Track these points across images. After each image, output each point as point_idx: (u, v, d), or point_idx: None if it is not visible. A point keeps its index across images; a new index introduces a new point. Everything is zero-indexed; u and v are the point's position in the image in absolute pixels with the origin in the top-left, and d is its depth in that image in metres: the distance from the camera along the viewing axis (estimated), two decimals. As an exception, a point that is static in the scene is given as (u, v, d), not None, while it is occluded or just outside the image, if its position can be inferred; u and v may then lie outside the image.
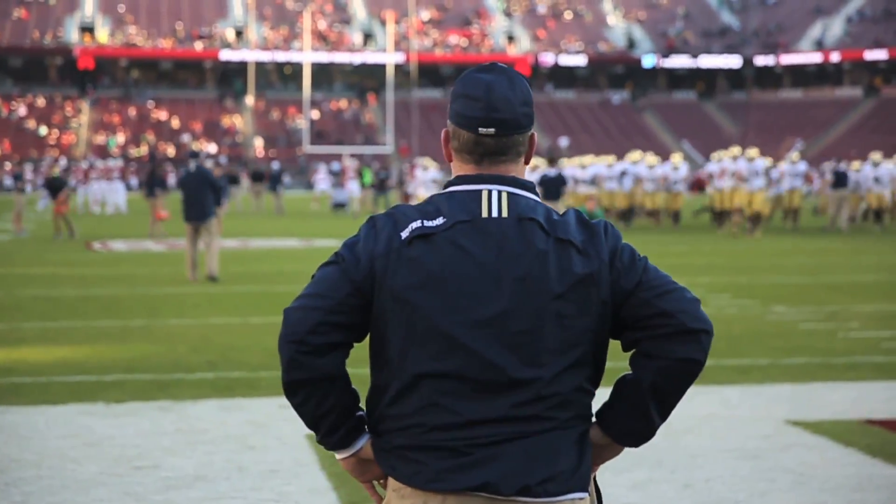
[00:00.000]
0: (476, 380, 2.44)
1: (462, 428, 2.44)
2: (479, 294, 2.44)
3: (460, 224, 2.46)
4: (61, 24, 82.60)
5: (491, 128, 2.51)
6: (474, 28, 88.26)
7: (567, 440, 2.50)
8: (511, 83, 2.58)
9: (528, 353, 2.45)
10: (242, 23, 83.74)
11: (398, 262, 2.44)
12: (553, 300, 2.46)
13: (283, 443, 6.86)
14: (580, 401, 2.54)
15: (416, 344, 2.46)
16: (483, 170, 2.53)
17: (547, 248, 2.47)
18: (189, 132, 75.53)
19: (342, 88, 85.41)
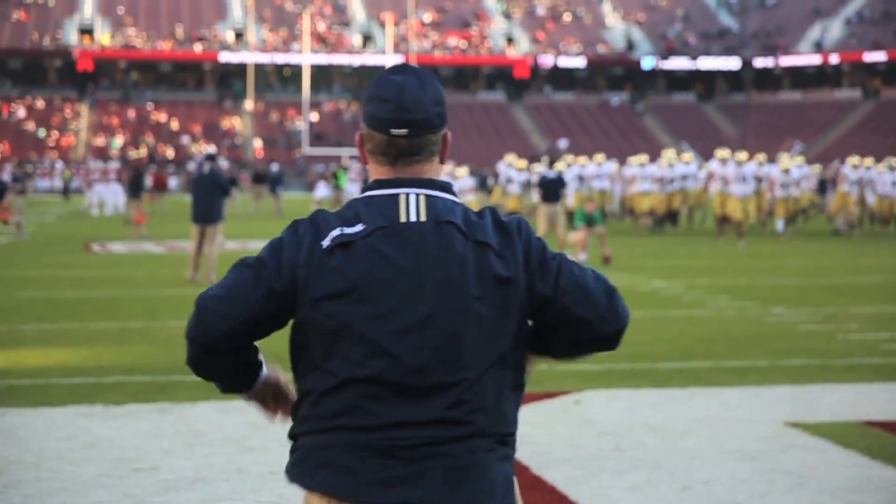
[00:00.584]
0: (399, 384, 2.47)
1: (385, 429, 2.47)
2: (401, 300, 2.47)
3: (379, 230, 2.49)
4: (60, 25, 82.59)
5: (403, 129, 2.52)
6: (473, 30, 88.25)
7: (489, 462, 2.53)
8: (422, 84, 2.56)
9: (450, 356, 2.47)
10: (242, 25, 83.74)
11: (320, 272, 2.48)
12: (473, 303, 2.48)
13: (283, 444, 6.80)
14: (503, 407, 2.56)
15: (340, 350, 2.50)
16: (398, 172, 2.54)
17: (465, 251, 2.49)
18: (188, 134, 75.51)
19: (342, 90, 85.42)
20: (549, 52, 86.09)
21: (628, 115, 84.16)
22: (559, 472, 6.26)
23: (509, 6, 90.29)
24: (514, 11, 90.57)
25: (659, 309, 13.56)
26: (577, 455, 6.66)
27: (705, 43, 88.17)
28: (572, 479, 6.15)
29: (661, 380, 9.01)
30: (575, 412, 7.83)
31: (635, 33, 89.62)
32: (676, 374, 9.28)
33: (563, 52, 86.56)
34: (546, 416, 7.67)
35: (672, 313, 13.13)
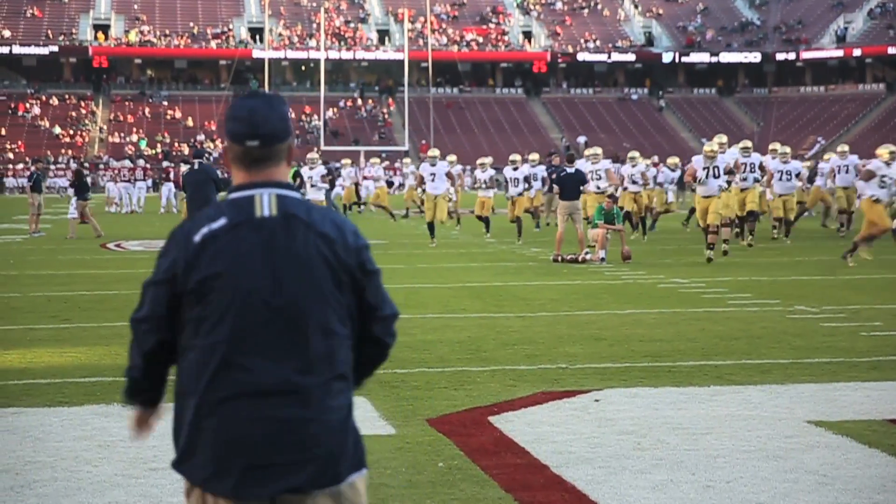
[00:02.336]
0: (255, 354, 3.04)
1: (248, 397, 3.03)
2: (255, 281, 3.06)
3: (239, 224, 3.08)
4: (75, 23, 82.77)
5: (255, 140, 3.13)
6: (491, 25, 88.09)
7: (336, 420, 3.09)
8: (269, 105, 3.18)
9: (297, 330, 3.06)
10: (258, 21, 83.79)
11: (195, 262, 3.06)
12: (319, 283, 3.09)
13: (300, 444, 6.80)
14: (342, 370, 3.13)
15: (210, 325, 3.05)
16: (253, 176, 3.14)
17: (308, 240, 3.09)
18: (204, 131, 75.62)
19: (358, 87, 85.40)
20: (568, 47, 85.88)
21: (648, 111, 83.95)
22: (579, 472, 6.20)
23: (527, 1, 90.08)
24: (532, 6, 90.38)
25: (679, 306, 13.46)
26: (598, 454, 6.59)
27: (726, 37, 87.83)
28: (592, 478, 6.08)
29: (682, 378, 8.93)
30: (595, 411, 7.75)
31: (655, 27, 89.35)
32: (697, 372, 9.20)
33: (582, 47, 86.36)
34: (565, 415, 7.60)
35: (693, 311, 13.04)
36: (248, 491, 3.02)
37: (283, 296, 3.06)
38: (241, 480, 3.03)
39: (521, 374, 9.07)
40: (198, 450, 3.08)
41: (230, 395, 3.04)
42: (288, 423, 3.03)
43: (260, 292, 3.06)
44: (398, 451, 6.62)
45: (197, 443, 3.09)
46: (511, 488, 5.85)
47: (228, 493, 3.03)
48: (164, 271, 3.12)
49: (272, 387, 3.03)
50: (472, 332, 11.40)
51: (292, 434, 3.03)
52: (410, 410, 7.72)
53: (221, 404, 3.05)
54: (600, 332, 11.41)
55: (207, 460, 3.07)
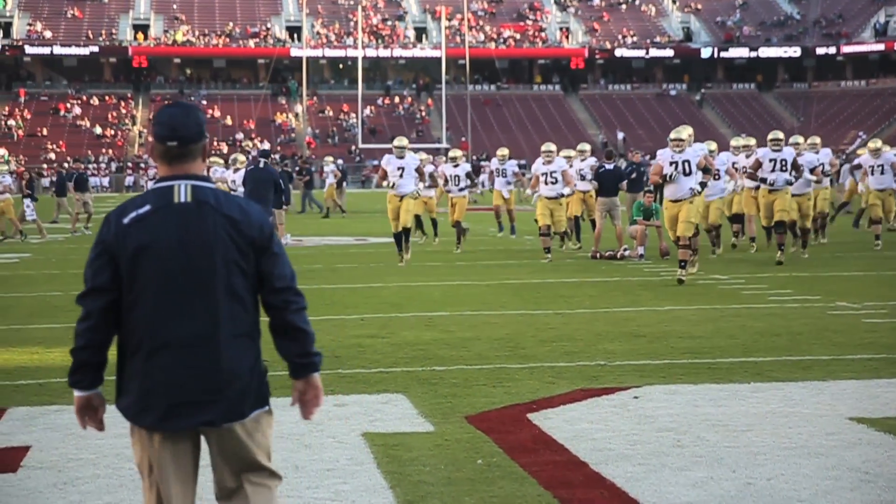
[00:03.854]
0: (176, 312, 3.73)
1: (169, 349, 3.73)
2: (173, 254, 3.74)
3: (160, 209, 3.77)
4: (115, 23, 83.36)
5: (174, 141, 3.83)
6: (528, 21, 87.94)
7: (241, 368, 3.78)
8: (186, 113, 3.89)
9: (207, 294, 3.74)
10: (295, 19, 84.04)
11: (124, 239, 3.75)
12: (223, 257, 3.76)
13: (339, 441, 6.82)
14: (247, 327, 3.81)
15: (138, 290, 3.75)
16: (173, 170, 3.84)
17: (216, 220, 3.77)
18: (242, 130, 75.94)
19: (396, 84, 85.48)
20: (606, 43, 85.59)
21: (687, 106, 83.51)
22: (618, 469, 6.17)
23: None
24: (569, 2, 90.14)
25: (719, 303, 13.39)
26: (637, 451, 6.57)
27: (765, 31, 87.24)
28: (632, 475, 6.06)
29: (722, 375, 8.87)
30: (634, 408, 7.72)
31: (693, 23, 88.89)
32: (738, 368, 9.14)
33: (620, 43, 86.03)
34: (604, 412, 7.58)
35: (733, 307, 12.96)
36: (168, 424, 3.75)
37: (194, 266, 3.74)
38: (163, 416, 3.74)
39: (560, 371, 9.05)
40: (130, 392, 3.79)
41: (154, 346, 3.73)
42: (200, 369, 3.73)
43: (176, 263, 3.74)
44: (437, 449, 6.63)
45: (129, 386, 3.79)
46: (550, 485, 5.84)
47: (152, 425, 3.76)
48: (99, 246, 3.80)
49: (187, 340, 3.73)
50: (510, 329, 11.39)
51: (204, 379, 3.74)
52: (449, 407, 7.72)
53: (148, 354, 3.74)
54: (639, 328, 11.36)
55: (137, 400, 3.76)
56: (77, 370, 3.89)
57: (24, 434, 7.07)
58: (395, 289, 15.19)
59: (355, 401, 7.97)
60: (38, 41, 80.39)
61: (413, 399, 7.99)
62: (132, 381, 3.78)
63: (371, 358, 9.78)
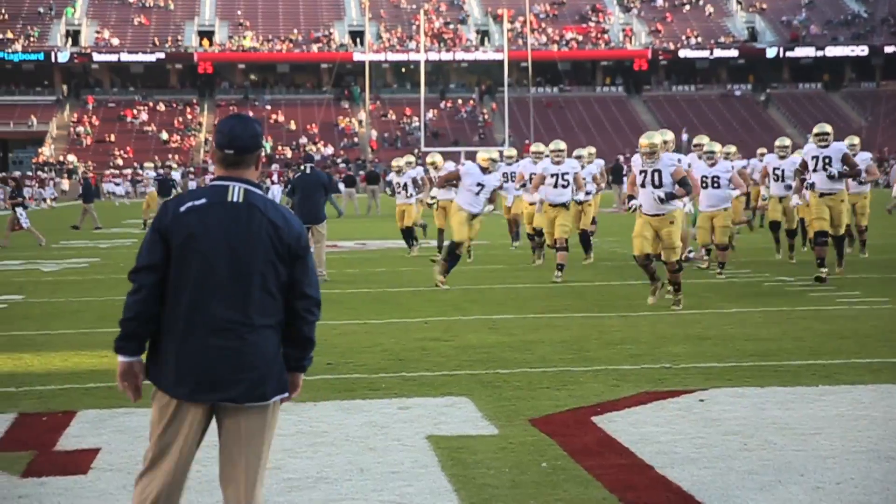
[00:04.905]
0: (216, 298, 4.12)
1: (203, 331, 4.11)
2: (219, 245, 4.13)
3: (214, 204, 4.18)
4: (181, 30, 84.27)
5: (231, 150, 4.25)
6: (591, 23, 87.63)
7: (265, 354, 4.17)
8: (244, 125, 4.29)
9: (244, 285, 4.14)
10: (358, 24, 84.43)
11: (178, 225, 4.14)
12: (263, 256, 4.16)
13: (403, 444, 6.84)
14: (277, 320, 4.22)
15: (183, 274, 4.13)
16: (229, 173, 4.26)
17: (262, 223, 4.19)
18: (306, 134, 76.41)
19: (458, 87, 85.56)
20: (669, 44, 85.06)
21: (752, 107, 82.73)
22: (684, 472, 6.13)
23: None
24: (632, 3, 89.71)
25: (785, 305, 13.25)
26: (703, 455, 6.51)
27: (832, 30, 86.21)
28: (698, 479, 6.01)
29: (789, 378, 8.78)
30: (699, 411, 7.66)
31: (758, 22, 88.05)
32: (805, 371, 9.03)
33: (684, 44, 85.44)
34: (670, 415, 7.53)
35: (799, 309, 12.82)
36: (196, 397, 4.14)
37: (236, 259, 4.13)
38: (193, 389, 4.14)
39: (625, 374, 9.01)
40: (166, 363, 4.17)
41: (191, 325, 4.11)
42: (229, 351, 4.11)
43: (220, 254, 4.13)
44: (501, 452, 6.62)
45: (166, 358, 4.17)
46: (615, 489, 5.81)
47: (183, 397, 4.15)
48: (156, 229, 4.17)
49: (220, 325, 4.11)
50: (574, 332, 11.35)
51: (232, 360, 4.11)
52: (513, 410, 7.71)
53: (184, 334, 4.12)
54: (704, 331, 11.27)
55: (171, 373, 4.15)
56: (124, 338, 4.23)
57: (93, 436, 7.16)
58: (458, 292, 15.20)
59: (419, 404, 7.99)
60: (106, 48, 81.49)
61: (477, 402, 7.99)
62: (168, 354, 4.15)
63: (435, 361, 9.79)
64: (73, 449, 6.86)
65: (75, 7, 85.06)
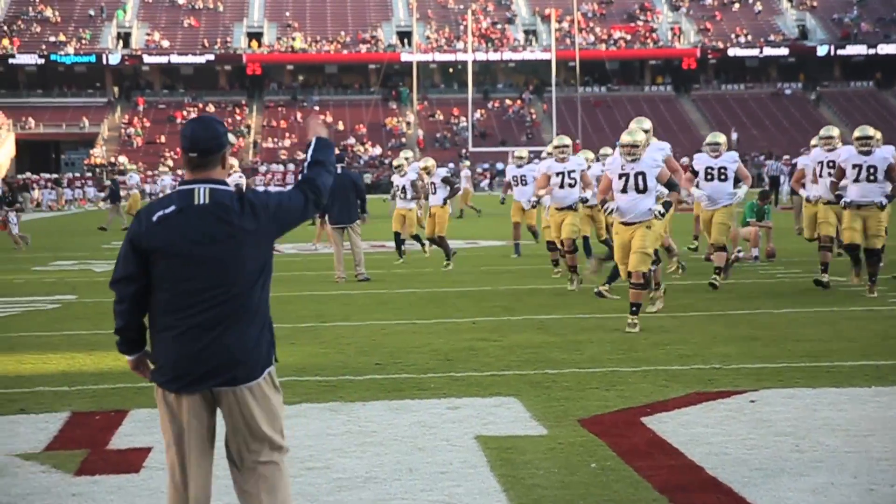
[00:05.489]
0: (197, 297, 4.33)
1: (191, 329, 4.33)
2: (196, 248, 4.32)
3: (183, 209, 4.36)
4: (230, 31, 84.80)
5: (195, 153, 4.43)
6: (639, 22, 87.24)
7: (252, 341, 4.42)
8: (205, 127, 4.47)
9: (220, 285, 4.33)
10: (406, 24, 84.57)
11: (151, 235, 4.35)
12: (236, 251, 4.34)
13: (452, 444, 6.84)
14: (257, 307, 4.42)
15: (164, 277, 4.35)
16: (195, 175, 4.43)
17: (230, 217, 4.35)
18: (354, 135, 76.64)
19: (505, 87, 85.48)
20: (718, 43, 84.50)
21: (802, 105, 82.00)
22: (735, 474, 6.08)
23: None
24: (681, 2, 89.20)
25: (837, 305, 13.12)
26: (754, 456, 6.46)
27: (884, 28, 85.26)
28: (749, 480, 5.96)
29: (842, 378, 8.69)
30: (750, 412, 7.60)
31: (809, 20, 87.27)
32: (858, 372, 8.94)
33: (733, 42, 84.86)
34: (720, 416, 7.48)
35: (851, 309, 12.69)
36: (190, 389, 4.37)
37: (210, 259, 4.32)
38: (188, 383, 4.36)
39: (674, 375, 8.96)
40: (159, 362, 4.41)
41: (180, 326, 4.33)
42: (218, 345, 4.33)
43: (194, 257, 4.32)
44: (550, 452, 6.60)
45: (160, 356, 4.41)
46: (665, 490, 5.78)
47: (179, 390, 4.38)
48: (129, 240, 4.40)
49: (206, 321, 4.32)
50: (623, 332, 11.30)
51: (221, 353, 4.34)
52: (562, 411, 7.69)
53: (175, 333, 4.34)
54: (755, 331, 11.19)
55: (162, 369, 4.40)
56: (122, 343, 4.54)
57: (145, 435, 7.22)
58: (506, 292, 15.18)
59: (468, 404, 7.99)
60: (156, 50, 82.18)
61: (526, 402, 7.98)
62: (157, 353, 4.43)
63: (483, 361, 9.78)
64: (126, 447, 6.93)
65: (126, 10, 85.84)
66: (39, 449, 6.97)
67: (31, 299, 15.72)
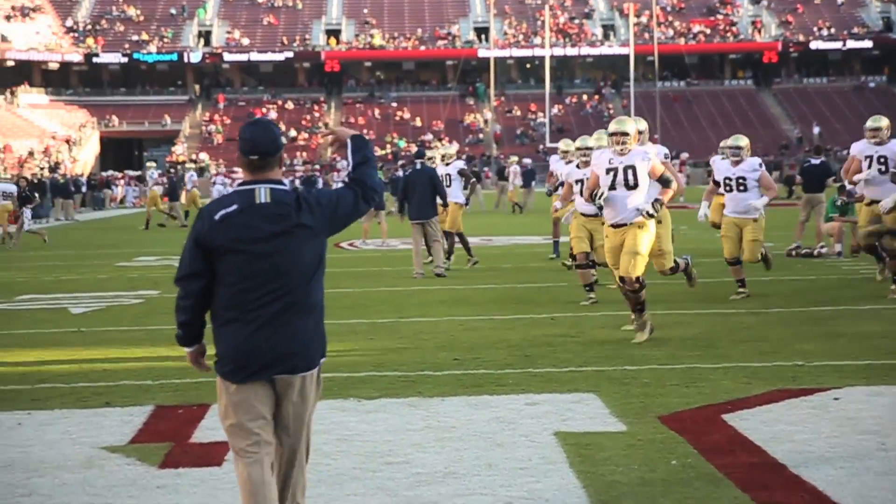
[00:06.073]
0: (260, 291, 4.50)
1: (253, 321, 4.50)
2: (257, 245, 4.49)
3: (244, 208, 4.53)
4: (309, 29, 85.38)
5: (255, 155, 4.58)
6: (719, 16, 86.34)
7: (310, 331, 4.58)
8: (264, 131, 4.62)
9: (281, 280, 4.50)
10: (483, 21, 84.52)
11: (214, 233, 4.50)
12: (296, 248, 4.52)
13: (531, 440, 6.83)
14: (315, 299, 4.59)
15: (228, 274, 4.51)
16: (255, 176, 4.59)
17: (290, 213, 4.52)
18: (431, 131, 76.80)
19: (583, 83, 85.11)
20: (800, 36, 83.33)
21: (887, 99, 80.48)
22: (819, 472, 6.00)
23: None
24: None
25: (922, 301, 12.88)
26: (838, 454, 6.37)
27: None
28: (833, 479, 5.88)
29: (928, 376, 8.53)
30: (834, 409, 7.50)
31: (894, 12, 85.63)
32: (944, 369, 8.77)
33: (815, 35, 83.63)
34: (804, 414, 7.39)
35: (937, 305, 12.45)
36: (253, 378, 4.52)
37: (274, 255, 4.49)
38: (251, 373, 4.52)
39: (755, 371, 8.86)
40: (223, 352, 4.55)
41: (243, 319, 4.50)
42: (279, 336, 4.49)
43: (258, 252, 4.48)
44: (630, 449, 6.57)
45: (219, 350, 4.58)
46: (747, 488, 5.72)
47: (242, 381, 4.52)
48: (193, 238, 4.55)
49: (268, 313, 4.49)
50: (702, 329, 11.21)
51: (283, 343, 4.50)
52: (642, 407, 7.64)
53: (239, 325, 4.50)
54: (838, 328, 11.02)
55: (230, 361, 4.53)
56: (183, 336, 4.71)
57: (227, 429, 7.30)
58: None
59: (547, 399, 7.97)
60: (236, 48, 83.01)
61: (605, 398, 7.94)
62: (220, 345, 4.57)
63: (562, 357, 9.76)
64: (208, 441, 7.01)
65: (207, 8, 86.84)
66: (125, 442, 7.09)
67: (115, 294, 15.98)
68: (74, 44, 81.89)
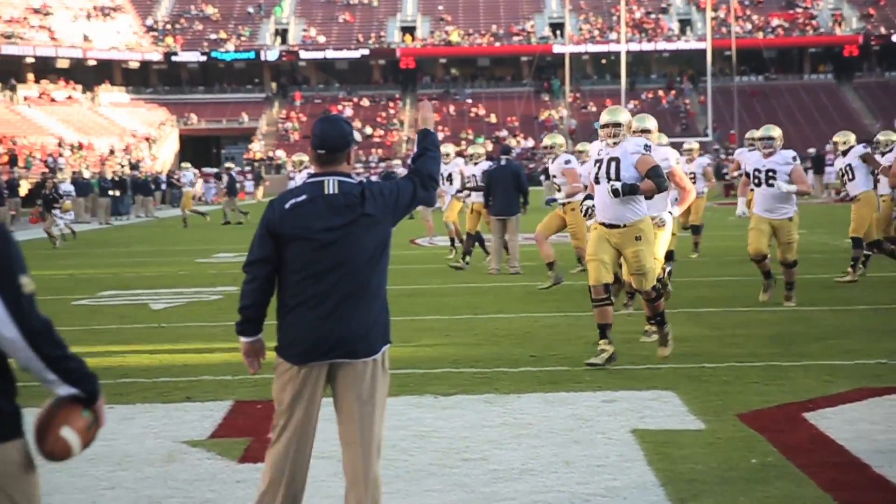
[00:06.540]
0: (324, 277, 4.61)
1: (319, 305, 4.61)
2: (325, 233, 4.62)
3: (314, 198, 4.68)
4: (384, 26, 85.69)
5: (323, 150, 4.75)
6: (798, 9, 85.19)
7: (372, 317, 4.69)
8: (333, 126, 4.78)
9: (345, 267, 4.62)
10: (558, 16, 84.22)
11: (283, 221, 4.65)
12: (361, 237, 4.65)
13: (608, 437, 6.80)
14: (377, 286, 4.72)
15: (295, 261, 4.63)
16: (324, 168, 4.75)
17: (356, 204, 4.66)
18: (506, 127, 76.70)
19: (659, 78, 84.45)
20: (882, 29, 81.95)
21: (969, 92, 78.85)
22: (903, 473, 5.91)
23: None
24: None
25: None
26: (922, 455, 6.26)
27: None
28: (918, 480, 5.78)
29: None
30: (918, 409, 7.37)
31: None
32: None
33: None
34: (886, 412, 7.27)
35: None
36: (314, 361, 4.62)
37: (340, 243, 4.62)
38: (314, 357, 4.62)
39: (837, 370, 8.73)
40: (286, 337, 4.68)
41: (308, 304, 4.60)
42: (343, 321, 4.60)
43: (325, 240, 4.61)
44: (709, 447, 6.51)
45: (281, 333, 4.71)
46: (829, 488, 5.65)
47: (304, 363, 4.63)
48: (264, 226, 4.69)
49: (332, 299, 4.60)
50: (782, 326, 11.08)
51: (345, 328, 4.61)
52: (720, 405, 7.57)
53: (303, 310, 4.62)
54: (922, 326, 10.83)
55: (294, 345, 4.65)
56: (243, 322, 4.83)
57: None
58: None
59: (624, 397, 7.93)
60: (313, 46, 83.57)
61: (683, 396, 7.88)
62: (284, 330, 4.69)
63: (640, 354, 9.70)
64: (286, 436, 7.06)
65: (283, 6, 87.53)
66: (205, 436, 7.18)
67: (195, 290, 16.18)
68: (154, 43, 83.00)
